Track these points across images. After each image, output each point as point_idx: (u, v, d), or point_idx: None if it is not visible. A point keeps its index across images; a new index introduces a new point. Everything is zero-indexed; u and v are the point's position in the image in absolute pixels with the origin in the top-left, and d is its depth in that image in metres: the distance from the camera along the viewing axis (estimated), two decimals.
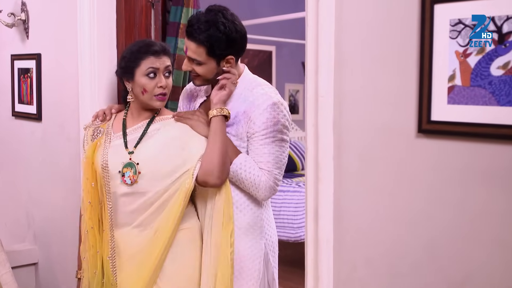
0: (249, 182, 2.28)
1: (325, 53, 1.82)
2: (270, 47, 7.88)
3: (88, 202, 2.32)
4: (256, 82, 2.41)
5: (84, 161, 2.35)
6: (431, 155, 1.62)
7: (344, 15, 1.79)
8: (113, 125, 2.38)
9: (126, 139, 2.30)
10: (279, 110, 2.30)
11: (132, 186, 2.22)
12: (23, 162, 3.52)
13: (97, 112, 2.47)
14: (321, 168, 1.85)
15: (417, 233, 1.67)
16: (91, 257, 2.33)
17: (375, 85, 1.74)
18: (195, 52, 2.26)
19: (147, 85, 2.23)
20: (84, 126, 2.47)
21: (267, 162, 2.29)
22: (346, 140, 1.81)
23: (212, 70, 2.31)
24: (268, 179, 2.28)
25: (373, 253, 1.77)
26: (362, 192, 1.79)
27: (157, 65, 2.23)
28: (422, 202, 1.65)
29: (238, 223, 2.35)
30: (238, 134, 2.33)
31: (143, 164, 2.22)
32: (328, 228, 1.85)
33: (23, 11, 3.31)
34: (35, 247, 3.44)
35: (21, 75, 3.41)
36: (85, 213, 2.35)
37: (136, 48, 2.29)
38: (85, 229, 2.35)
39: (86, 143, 2.39)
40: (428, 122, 1.61)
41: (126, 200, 2.25)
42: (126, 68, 2.28)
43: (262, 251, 2.39)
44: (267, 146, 2.28)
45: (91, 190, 2.32)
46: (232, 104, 2.36)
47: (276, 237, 2.53)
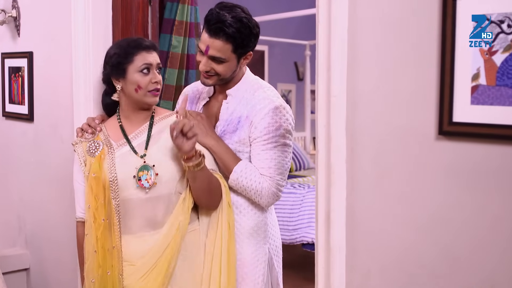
0: (251, 189, 2.24)
1: (337, 50, 1.73)
2: (262, 46, 7.83)
3: (102, 220, 2.16)
4: (257, 84, 2.35)
5: (93, 176, 2.18)
6: (452, 158, 1.54)
7: (358, 10, 1.71)
8: (110, 135, 2.26)
9: (132, 145, 2.21)
10: (281, 115, 2.24)
11: (150, 190, 2.13)
12: (14, 163, 3.42)
13: (81, 126, 2.32)
14: (333, 171, 1.76)
15: (435, 240, 1.58)
16: (100, 278, 2.17)
17: (391, 84, 1.65)
18: (221, 50, 2.18)
19: (142, 81, 2.16)
20: (73, 142, 2.30)
21: (269, 168, 2.24)
22: (360, 142, 1.73)
23: (233, 68, 2.26)
24: (270, 185, 2.24)
25: (388, 261, 1.69)
26: (376, 197, 1.70)
27: (150, 60, 2.17)
28: (442, 207, 1.57)
29: (241, 228, 2.30)
30: (241, 139, 2.27)
31: (160, 166, 2.15)
32: (340, 234, 1.77)
33: (14, 7, 3.20)
34: (27, 252, 3.33)
35: (12, 74, 3.30)
36: (96, 232, 2.17)
37: (125, 43, 2.22)
38: (93, 250, 2.17)
39: (84, 159, 2.23)
40: (449, 123, 1.52)
41: (139, 207, 2.15)
42: (117, 65, 2.19)
43: (266, 256, 2.34)
44: (269, 151, 2.23)
45: (101, 207, 2.16)
46: (234, 107, 2.30)
47: (280, 241, 2.48)
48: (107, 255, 2.17)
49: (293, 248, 5.16)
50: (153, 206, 2.16)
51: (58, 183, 3.00)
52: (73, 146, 2.29)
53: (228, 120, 2.30)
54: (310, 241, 4.83)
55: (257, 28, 2.25)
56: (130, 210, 2.17)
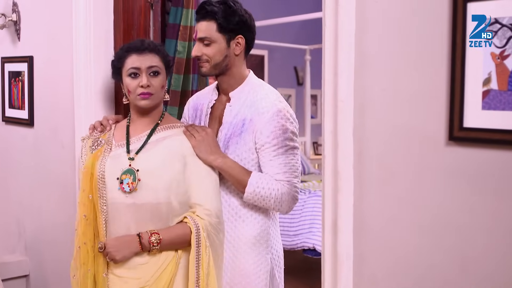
0: (270, 198, 2.19)
1: (344, 53, 1.70)
2: (262, 51, 7.80)
3: (83, 216, 2.17)
4: (260, 87, 2.33)
5: (83, 171, 2.21)
6: (463, 164, 1.51)
7: (366, 12, 1.67)
8: (115, 135, 2.27)
9: (129, 147, 2.18)
10: (285, 118, 2.22)
11: (131, 195, 2.09)
12: (13, 169, 3.38)
13: (93, 123, 2.35)
14: (340, 177, 1.73)
15: (447, 248, 1.55)
16: (81, 276, 2.17)
17: (400, 89, 1.62)
18: (205, 30, 2.24)
19: (130, 85, 2.16)
20: (81, 138, 2.36)
21: (284, 172, 2.20)
22: (368, 147, 1.69)
23: (222, 51, 2.25)
24: (289, 190, 2.21)
25: (398, 269, 1.65)
26: (385, 203, 1.67)
27: (137, 64, 2.14)
28: (451, 213, 1.53)
29: (243, 237, 2.26)
30: (247, 143, 2.23)
31: (144, 172, 2.10)
32: (348, 241, 1.73)
33: (14, 11, 3.18)
34: (26, 259, 3.30)
35: (12, 79, 3.27)
36: (79, 228, 2.19)
37: (125, 46, 2.24)
38: (78, 245, 2.19)
39: (85, 154, 2.26)
40: (460, 129, 1.49)
41: (124, 212, 2.11)
42: (115, 69, 2.23)
43: (268, 266, 2.30)
44: (281, 156, 2.20)
45: (87, 203, 2.17)
46: (238, 109, 2.27)
47: (282, 252, 2.44)
48: (90, 253, 2.16)
49: (294, 254, 5.12)
50: (137, 213, 2.11)
51: (59, 188, 2.97)
52: (81, 142, 2.33)
53: (232, 123, 2.27)
54: (311, 246, 4.80)
55: (246, 15, 2.29)
56: (115, 213, 2.13)
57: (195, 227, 2.09)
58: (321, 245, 1.83)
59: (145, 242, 2.08)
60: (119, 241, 2.10)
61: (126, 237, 2.11)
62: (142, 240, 2.08)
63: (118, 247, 2.09)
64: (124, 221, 2.12)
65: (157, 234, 2.08)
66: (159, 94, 2.18)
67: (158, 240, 2.07)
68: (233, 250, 2.27)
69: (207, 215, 2.13)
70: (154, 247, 2.08)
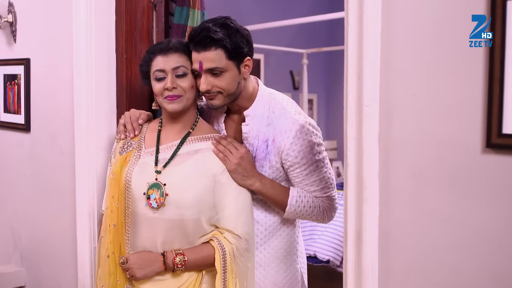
0: (312, 216, 2.17)
1: (370, 55, 1.59)
2: (258, 55, 7.69)
3: (113, 225, 2.07)
4: (275, 100, 2.19)
5: (111, 177, 2.10)
6: (502, 174, 1.40)
7: (393, 12, 1.57)
8: (146, 138, 2.16)
9: (157, 158, 2.07)
10: (310, 132, 2.11)
11: (158, 211, 1.98)
12: (8, 176, 3.26)
13: (123, 124, 2.23)
14: (365, 187, 1.62)
15: (483, 265, 1.44)
16: (110, 286, 2.08)
17: (431, 93, 1.51)
18: (215, 59, 2.01)
19: (156, 88, 2.06)
20: (116, 138, 2.26)
21: (321, 189, 2.15)
22: (395, 155, 1.58)
23: (235, 79, 2.07)
24: (330, 205, 2.18)
25: (427, 286, 1.54)
26: (413, 216, 1.56)
27: (161, 66, 2.04)
28: (489, 227, 1.42)
29: (274, 252, 2.21)
30: (273, 164, 2.13)
31: (170, 187, 2.00)
32: (372, 256, 1.62)
33: (10, 12, 3.06)
34: (22, 269, 3.19)
35: (7, 82, 3.15)
36: (107, 236, 2.09)
37: (150, 48, 2.14)
38: (106, 254, 2.09)
39: (113, 157, 2.18)
40: (498, 135, 1.39)
41: (149, 225, 2.02)
42: (143, 74, 2.14)
43: (299, 276, 2.28)
44: (314, 173, 2.13)
45: (116, 211, 2.06)
46: (257, 129, 2.14)
47: (305, 253, 2.43)
48: (118, 263, 2.08)
49: None
50: (163, 229, 2.01)
51: (57, 197, 2.86)
52: (115, 142, 2.25)
53: (255, 145, 2.15)
54: (312, 254, 4.71)
55: (246, 31, 2.09)
56: (140, 226, 2.03)
57: (221, 251, 2.01)
58: (344, 258, 1.72)
59: (169, 263, 1.99)
60: (142, 259, 2.01)
61: (149, 255, 2.01)
62: (166, 260, 1.99)
63: (140, 265, 2.00)
64: (149, 236, 2.03)
65: (182, 255, 1.99)
66: (188, 96, 2.07)
67: (183, 262, 1.99)
68: (264, 266, 2.20)
69: (236, 239, 2.04)
70: (178, 268, 1.99)
